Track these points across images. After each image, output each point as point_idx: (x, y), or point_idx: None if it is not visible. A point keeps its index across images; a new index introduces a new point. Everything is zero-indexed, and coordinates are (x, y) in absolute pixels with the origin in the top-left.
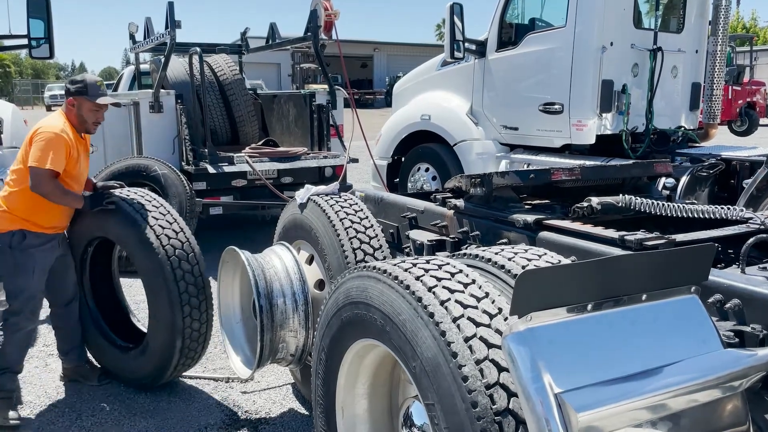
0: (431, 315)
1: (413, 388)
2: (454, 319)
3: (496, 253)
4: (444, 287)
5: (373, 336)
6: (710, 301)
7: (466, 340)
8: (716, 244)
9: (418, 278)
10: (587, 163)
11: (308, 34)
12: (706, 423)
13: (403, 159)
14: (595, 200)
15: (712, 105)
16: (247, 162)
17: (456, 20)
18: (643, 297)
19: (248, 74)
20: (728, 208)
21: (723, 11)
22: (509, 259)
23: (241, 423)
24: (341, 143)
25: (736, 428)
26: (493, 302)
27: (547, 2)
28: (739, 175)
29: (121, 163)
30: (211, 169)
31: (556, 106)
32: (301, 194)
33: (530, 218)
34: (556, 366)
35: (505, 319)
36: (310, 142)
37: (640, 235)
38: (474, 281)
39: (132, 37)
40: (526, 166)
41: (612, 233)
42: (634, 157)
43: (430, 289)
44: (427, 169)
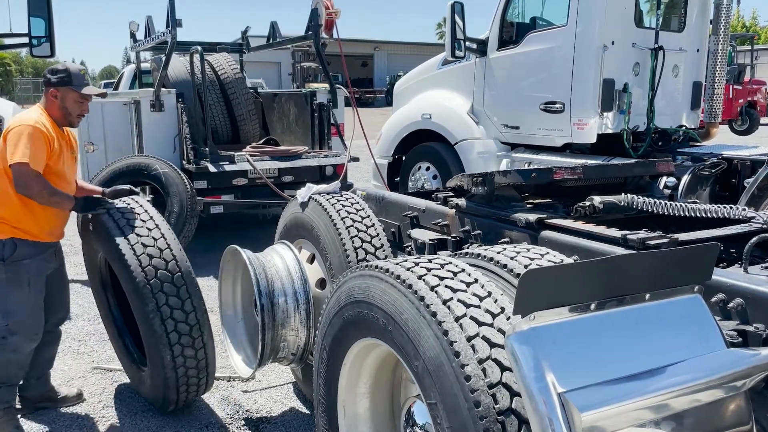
0: (434, 314)
1: (415, 387)
2: (457, 319)
3: (499, 252)
4: (446, 286)
5: (375, 335)
6: (713, 300)
7: (469, 339)
8: (719, 244)
9: (420, 277)
10: (589, 162)
11: (309, 32)
12: (709, 423)
13: (403, 158)
14: (597, 199)
15: (713, 104)
16: (248, 161)
17: (457, 19)
18: (646, 296)
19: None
20: (730, 208)
21: (724, 10)
22: (511, 259)
23: (242, 422)
24: (342, 142)
25: (739, 428)
26: (495, 301)
27: (548, 1)
28: (741, 174)
29: (122, 161)
30: (212, 168)
31: (557, 105)
32: (303, 193)
33: (532, 217)
34: (560, 365)
35: (508, 319)
36: (311, 141)
37: (642, 234)
38: (476, 280)
39: (133, 35)
40: (527, 165)
41: (614, 232)
42: (635, 156)
43: (432, 288)
44: (428, 168)
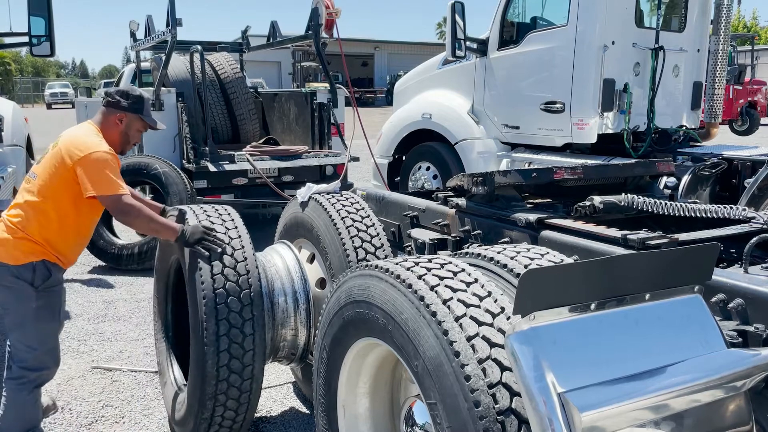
0: (433, 314)
1: (415, 387)
2: (457, 318)
3: (499, 252)
4: (446, 286)
5: (375, 335)
6: (713, 300)
7: (469, 339)
8: (719, 244)
9: (420, 277)
10: (589, 162)
11: (309, 32)
12: (709, 423)
13: (404, 158)
14: (597, 199)
15: (713, 104)
16: (248, 160)
17: (457, 19)
18: (647, 296)
19: (249, 72)
20: (730, 208)
21: (725, 10)
22: (511, 258)
23: None
24: (342, 142)
25: (739, 428)
26: (495, 301)
27: (548, 1)
28: (741, 174)
29: (122, 161)
30: (211, 168)
31: (558, 105)
32: (303, 193)
33: (532, 217)
34: (560, 365)
35: (508, 319)
36: (311, 141)
37: (642, 234)
38: (476, 280)
39: (133, 35)
40: (527, 165)
41: (614, 232)
42: (635, 156)
43: (432, 288)
44: (428, 168)
